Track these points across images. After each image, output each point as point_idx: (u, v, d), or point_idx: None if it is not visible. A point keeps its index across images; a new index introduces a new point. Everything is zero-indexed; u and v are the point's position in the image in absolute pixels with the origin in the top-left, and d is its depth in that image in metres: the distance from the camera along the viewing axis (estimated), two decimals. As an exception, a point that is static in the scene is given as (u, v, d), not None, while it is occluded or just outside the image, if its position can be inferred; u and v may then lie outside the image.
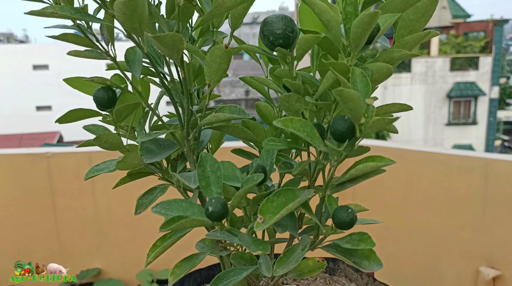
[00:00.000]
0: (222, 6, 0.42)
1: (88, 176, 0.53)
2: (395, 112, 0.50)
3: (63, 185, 2.04)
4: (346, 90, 0.34)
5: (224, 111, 0.49)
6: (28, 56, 16.90)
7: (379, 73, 0.45)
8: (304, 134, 0.39)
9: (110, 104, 0.51)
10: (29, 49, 17.80)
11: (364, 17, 0.36)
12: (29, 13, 0.40)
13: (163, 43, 0.41)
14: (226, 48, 0.46)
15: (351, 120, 0.38)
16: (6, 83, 16.80)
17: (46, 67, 16.95)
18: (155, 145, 0.54)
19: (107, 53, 0.49)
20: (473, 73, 14.44)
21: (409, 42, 0.47)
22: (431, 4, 0.46)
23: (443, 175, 1.85)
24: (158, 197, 0.55)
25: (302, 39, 0.40)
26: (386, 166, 0.40)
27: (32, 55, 16.87)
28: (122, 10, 0.38)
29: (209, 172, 0.42)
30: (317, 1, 0.39)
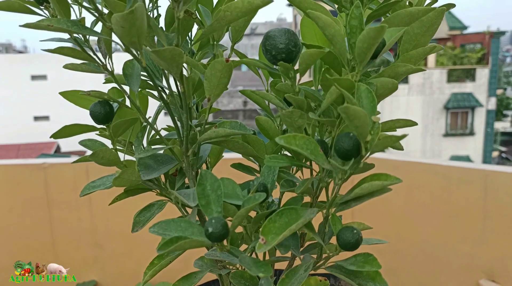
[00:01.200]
0: (223, 19, 0.41)
1: (84, 193, 0.51)
2: (399, 128, 0.49)
3: (60, 197, 2.02)
4: (352, 107, 0.33)
5: (224, 126, 0.48)
6: (26, 66, 16.91)
7: (384, 88, 0.43)
8: (307, 152, 0.38)
9: (107, 119, 0.49)
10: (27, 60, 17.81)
11: (370, 32, 0.35)
12: (24, 25, 0.39)
13: (162, 57, 0.39)
14: (226, 62, 0.44)
15: (356, 138, 0.36)
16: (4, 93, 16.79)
17: (44, 77, 16.95)
18: (153, 160, 0.53)
19: (104, 66, 0.47)
20: (470, 84, 14.50)
21: (414, 56, 0.46)
22: (436, 18, 0.45)
23: (442, 187, 1.84)
24: (156, 214, 0.53)
25: (305, 54, 0.39)
26: (392, 184, 0.39)
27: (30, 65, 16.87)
28: (120, 24, 0.36)
29: (209, 191, 0.40)
30: (321, 15, 0.38)
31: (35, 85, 17.11)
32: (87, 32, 0.41)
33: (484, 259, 1.73)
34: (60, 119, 16.19)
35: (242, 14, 0.41)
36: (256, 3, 0.40)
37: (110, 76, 0.49)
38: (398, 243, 1.87)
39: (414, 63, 0.46)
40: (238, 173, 0.62)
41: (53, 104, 16.66)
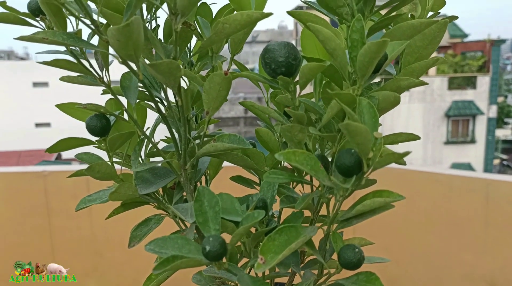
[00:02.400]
0: (222, 32, 0.40)
1: (79, 207, 0.50)
2: (402, 142, 0.48)
3: (60, 205, 2.01)
4: (353, 124, 0.32)
5: (223, 140, 0.47)
6: (28, 73, 16.95)
7: (386, 102, 0.42)
8: (308, 168, 0.37)
9: (104, 133, 0.48)
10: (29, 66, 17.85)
11: (371, 46, 0.34)
12: (19, 38, 0.38)
13: (159, 71, 0.39)
14: (225, 75, 0.44)
15: (358, 154, 0.35)
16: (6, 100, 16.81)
17: (46, 84, 16.98)
18: (150, 173, 0.52)
19: (101, 79, 0.47)
20: (471, 92, 14.50)
21: (417, 69, 0.45)
22: (439, 31, 0.44)
23: (443, 196, 1.83)
24: (153, 229, 0.52)
25: (306, 68, 0.38)
26: (394, 201, 0.38)
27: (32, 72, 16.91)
28: (116, 37, 0.36)
29: (207, 207, 0.39)
30: (322, 29, 0.37)
31: (37, 92, 17.14)
32: (83, 45, 0.40)
33: (486, 268, 1.71)
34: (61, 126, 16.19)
35: (241, 26, 0.40)
36: (255, 16, 0.39)
37: (106, 87, 0.48)
38: (399, 252, 1.85)
39: (416, 76, 0.45)
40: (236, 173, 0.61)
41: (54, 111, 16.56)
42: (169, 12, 0.39)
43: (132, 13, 0.40)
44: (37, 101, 16.95)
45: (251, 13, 0.39)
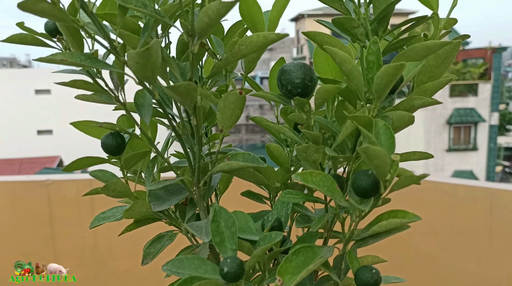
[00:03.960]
0: (238, 53, 0.40)
1: (93, 225, 0.50)
2: (415, 160, 0.48)
3: (63, 213, 2.01)
4: (372, 148, 0.32)
5: (237, 158, 0.47)
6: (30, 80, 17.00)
7: (400, 122, 0.43)
8: (324, 189, 0.37)
9: (119, 151, 0.49)
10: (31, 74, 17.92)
11: (388, 69, 0.35)
12: (38, 59, 0.39)
13: (177, 92, 0.39)
14: (240, 94, 0.44)
15: (375, 176, 0.36)
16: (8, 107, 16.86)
17: (48, 91, 17.03)
18: (163, 190, 0.52)
19: (116, 98, 0.47)
20: (473, 99, 14.51)
21: (430, 88, 0.45)
22: (452, 51, 0.45)
23: (448, 205, 1.83)
24: (166, 246, 0.52)
25: (322, 89, 0.39)
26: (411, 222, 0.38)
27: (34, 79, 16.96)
28: (135, 60, 0.36)
29: (223, 228, 0.39)
30: (338, 51, 0.37)
31: (39, 99, 17.19)
32: (100, 66, 0.40)
33: (490, 277, 1.71)
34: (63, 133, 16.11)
35: (257, 48, 0.40)
36: (271, 38, 0.39)
37: (122, 108, 0.48)
38: (403, 260, 1.85)
39: (429, 95, 0.45)
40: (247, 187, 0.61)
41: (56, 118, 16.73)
42: (186, 34, 0.40)
43: (149, 35, 0.41)
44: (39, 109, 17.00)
45: (267, 34, 0.39)
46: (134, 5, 0.38)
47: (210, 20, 0.36)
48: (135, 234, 0.56)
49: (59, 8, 0.35)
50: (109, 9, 0.47)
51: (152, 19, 0.40)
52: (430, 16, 0.44)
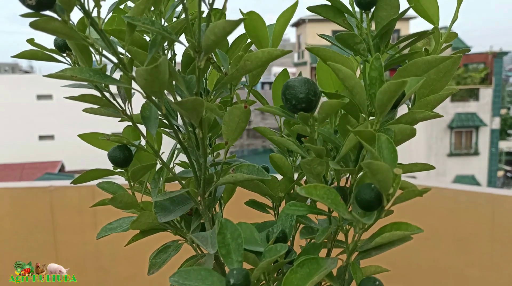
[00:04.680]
0: (244, 68, 0.41)
1: (100, 236, 0.51)
2: (417, 171, 0.49)
3: (65, 220, 2.02)
4: (375, 163, 0.33)
5: (242, 170, 0.48)
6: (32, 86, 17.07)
7: (402, 134, 0.44)
8: (328, 202, 0.38)
9: (126, 163, 0.50)
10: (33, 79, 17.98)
11: (391, 86, 0.36)
12: (48, 76, 0.40)
13: (184, 107, 0.40)
14: (245, 108, 0.45)
15: (378, 189, 0.36)
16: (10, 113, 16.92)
17: (50, 97, 17.09)
18: (169, 201, 0.53)
19: (124, 112, 0.48)
20: (474, 104, 14.52)
21: (431, 102, 0.46)
22: (453, 65, 0.46)
23: (450, 211, 1.83)
24: (172, 256, 0.53)
25: (326, 104, 0.40)
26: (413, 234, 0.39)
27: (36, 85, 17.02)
28: (143, 76, 0.37)
29: (229, 240, 0.40)
30: (342, 67, 0.38)
31: (41, 105, 17.25)
32: (109, 81, 0.41)
33: (493, 283, 1.71)
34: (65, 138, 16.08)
35: (262, 63, 0.41)
36: (276, 53, 0.40)
37: (129, 121, 0.49)
38: (405, 267, 1.85)
39: (431, 108, 0.46)
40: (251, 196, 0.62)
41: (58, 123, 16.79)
42: (192, 50, 0.41)
43: (156, 50, 0.42)
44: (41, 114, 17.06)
45: (272, 51, 0.40)
46: (142, 23, 0.39)
47: (216, 37, 0.37)
48: (137, 241, 0.57)
49: (70, 27, 0.36)
50: (117, 25, 0.48)
51: (160, 36, 0.41)
52: (431, 31, 0.45)
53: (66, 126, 16.21)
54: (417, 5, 0.46)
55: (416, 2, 0.46)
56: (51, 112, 16.69)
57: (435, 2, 0.46)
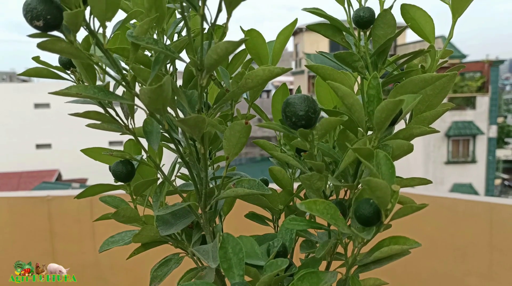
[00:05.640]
0: (244, 86, 0.42)
1: (103, 249, 0.52)
2: (415, 186, 0.50)
3: (63, 229, 2.01)
4: (374, 180, 0.34)
5: (243, 185, 0.49)
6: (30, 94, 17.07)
7: (399, 150, 0.45)
8: (328, 217, 0.39)
9: (129, 178, 0.50)
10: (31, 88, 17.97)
11: (388, 104, 0.37)
12: (54, 93, 0.41)
13: (186, 125, 0.41)
14: (246, 124, 0.46)
15: (376, 205, 0.37)
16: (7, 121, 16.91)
17: (47, 105, 17.09)
18: (170, 214, 0.54)
19: (126, 127, 0.49)
20: (471, 112, 14.58)
21: (428, 118, 0.47)
22: (448, 81, 0.47)
23: (448, 220, 1.83)
24: (173, 269, 0.54)
25: (325, 121, 0.41)
26: (411, 248, 0.40)
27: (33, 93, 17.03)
28: (148, 95, 0.38)
29: (231, 254, 0.41)
30: (341, 86, 0.39)
31: (38, 113, 17.25)
32: (112, 98, 0.42)
33: (491, 292, 1.71)
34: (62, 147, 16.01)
35: (263, 81, 0.42)
36: (276, 71, 0.42)
37: (132, 135, 0.50)
38: (404, 276, 1.85)
39: (427, 124, 0.47)
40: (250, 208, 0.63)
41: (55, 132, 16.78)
42: (195, 68, 0.42)
43: (159, 68, 0.43)
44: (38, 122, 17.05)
45: (273, 69, 0.42)
46: (146, 42, 0.40)
47: (218, 57, 0.38)
48: (133, 248, 0.57)
49: (76, 47, 0.37)
50: (120, 42, 0.50)
51: (163, 54, 0.42)
52: (427, 49, 0.46)
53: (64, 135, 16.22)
54: (414, 24, 0.47)
55: (412, 21, 0.47)
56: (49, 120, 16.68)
57: (430, 21, 0.48)
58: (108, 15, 0.37)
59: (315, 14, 0.46)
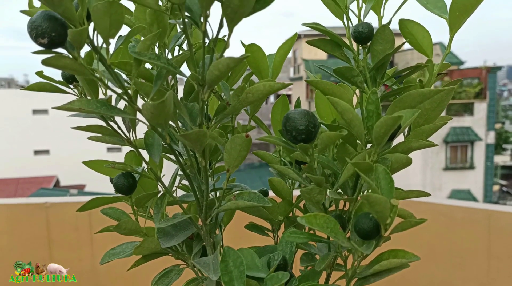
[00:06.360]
0: (245, 101, 0.43)
1: (104, 261, 0.52)
2: (413, 198, 0.50)
3: (61, 236, 2.01)
4: (373, 196, 0.34)
5: (243, 197, 0.49)
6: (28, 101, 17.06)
7: (398, 163, 0.45)
8: (328, 230, 0.39)
9: (130, 191, 0.51)
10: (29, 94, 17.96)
11: (387, 120, 0.37)
12: (57, 108, 0.41)
13: (188, 139, 0.41)
14: (246, 137, 0.46)
15: (376, 219, 0.38)
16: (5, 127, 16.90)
17: (45, 111, 17.09)
18: (171, 226, 0.54)
19: (128, 140, 0.49)
20: (469, 118, 14.63)
21: (426, 131, 0.48)
22: (446, 95, 0.47)
23: (446, 227, 1.84)
24: (174, 281, 0.54)
25: (325, 136, 0.41)
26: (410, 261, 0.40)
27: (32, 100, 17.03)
28: (150, 110, 0.39)
29: (232, 267, 0.41)
30: (340, 102, 0.40)
31: (36, 119, 17.24)
32: (115, 113, 0.42)
33: (490, 300, 1.71)
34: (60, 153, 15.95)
35: (263, 96, 0.43)
36: (276, 87, 0.42)
37: (133, 148, 0.50)
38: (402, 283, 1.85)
39: (426, 137, 0.48)
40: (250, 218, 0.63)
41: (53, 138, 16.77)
42: (196, 83, 0.43)
43: (161, 83, 0.44)
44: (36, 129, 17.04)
45: (273, 84, 0.42)
46: (148, 58, 0.41)
47: (220, 73, 0.39)
48: (132, 257, 0.57)
49: (80, 63, 0.38)
50: (121, 57, 0.50)
51: (165, 70, 0.42)
52: (425, 64, 0.47)
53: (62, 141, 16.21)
54: (412, 39, 0.48)
55: (410, 36, 0.48)
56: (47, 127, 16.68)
57: (428, 36, 0.48)
58: (111, 32, 0.37)
59: (315, 29, 0.46)
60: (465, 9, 0.45)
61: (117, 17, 0.36)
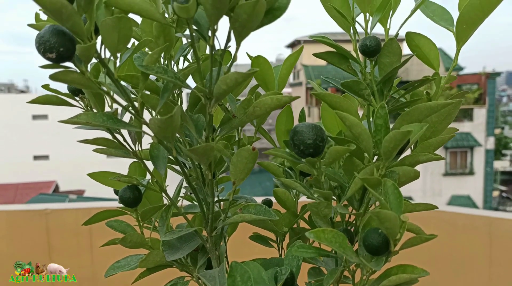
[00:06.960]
0: (252, 114, 0.43)
1: (108, 274, 0.52)
2: (420, 211, 0.50)
3: (61, 243, 2.01)
4: (383, 212, 0.34)
5: (249, 210, 0.49)
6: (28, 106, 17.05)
7: (406, 177, 0.45)
8: (336, 245, 0.39)
9: (136, 204, 0.51)
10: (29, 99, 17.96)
11: (396, 135, 0.37)
12: (64, 121, 0.41)
13: (195, 153, 0.41)
14: (253, 150, 0.46)
15: (385, 235, 0.38)
16: (5, 132, 16.88)
17: (45, 117, 17.08)
18: (176, 238, 0.54)
19: (134, 153, 0.49)
20: (468, 124, 14.63)
21: (433, 144, 0.48)
22: (453, 109, 0.47)
23: (447, 234, 1.83)
24: (179, 293, 0.54)
25: (333, 150, 0.41)
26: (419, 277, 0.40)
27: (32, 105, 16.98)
28: (158, 124, 0.38)
29: (239, 282, 0.41)
30: (348, 116, 0.40)
31: (36, 125, 17.23)
32: (121, 126, 0.42)
33: (492, 306, 1.70)
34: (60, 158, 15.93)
35: (271, 109, 0.43)
36: (284, 100, 0.42)
37: (139, 160, 0.50)
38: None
39: (433, 150, 0.48)
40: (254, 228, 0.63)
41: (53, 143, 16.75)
42: (203, 97, 0.42)
43: (168, 96, 0.43)
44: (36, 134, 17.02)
45: (281, 97, 0.42)
46: (156, 72, 0.40)
47: (228, 87, 0.39)
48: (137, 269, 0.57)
49: (87, 78, 0.37)
50: (127, 69, 0.50)
51: (171, 83, 0.42)
52: (432, 77, 0.47)
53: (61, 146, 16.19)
54: (419, 52, 0.48)
55: (417, 49, 0.48)
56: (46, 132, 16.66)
57: (435, 48, 0.48)
58: (120, 46, 0.37)
59: (322, 42, 0.46)
60: (473, 22, 0.45)
61: (125, 32, 0.36)
